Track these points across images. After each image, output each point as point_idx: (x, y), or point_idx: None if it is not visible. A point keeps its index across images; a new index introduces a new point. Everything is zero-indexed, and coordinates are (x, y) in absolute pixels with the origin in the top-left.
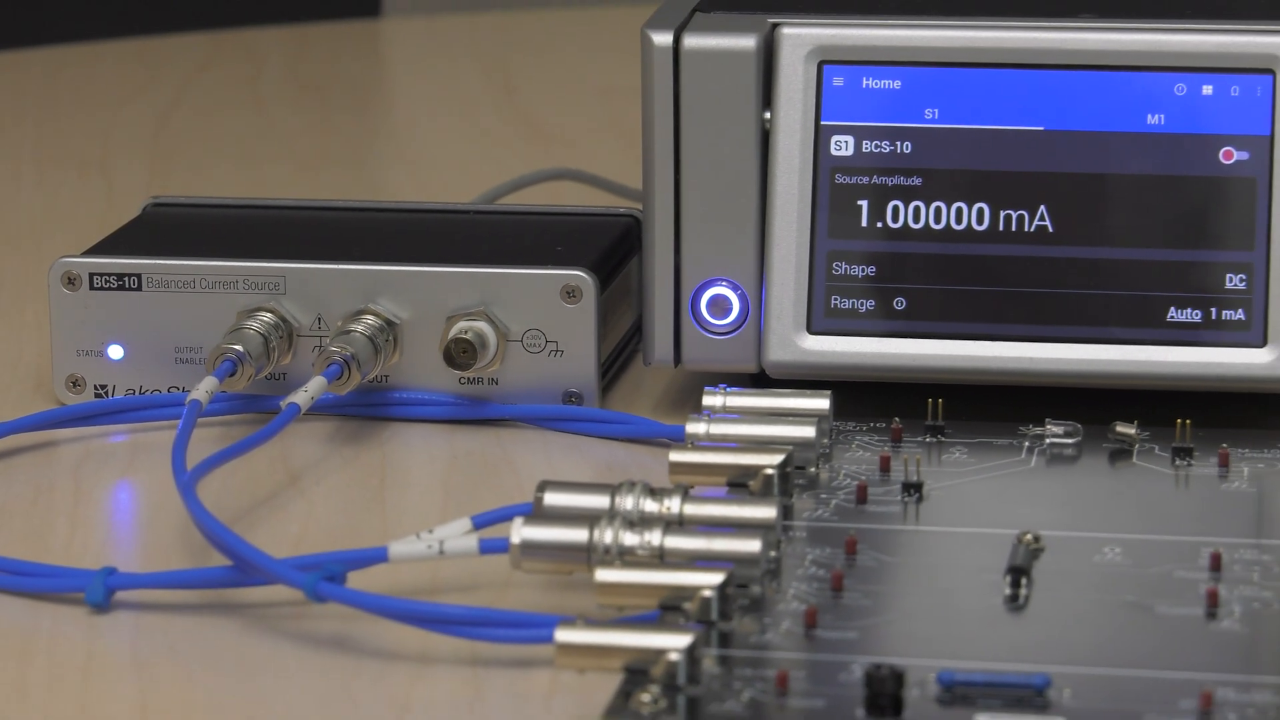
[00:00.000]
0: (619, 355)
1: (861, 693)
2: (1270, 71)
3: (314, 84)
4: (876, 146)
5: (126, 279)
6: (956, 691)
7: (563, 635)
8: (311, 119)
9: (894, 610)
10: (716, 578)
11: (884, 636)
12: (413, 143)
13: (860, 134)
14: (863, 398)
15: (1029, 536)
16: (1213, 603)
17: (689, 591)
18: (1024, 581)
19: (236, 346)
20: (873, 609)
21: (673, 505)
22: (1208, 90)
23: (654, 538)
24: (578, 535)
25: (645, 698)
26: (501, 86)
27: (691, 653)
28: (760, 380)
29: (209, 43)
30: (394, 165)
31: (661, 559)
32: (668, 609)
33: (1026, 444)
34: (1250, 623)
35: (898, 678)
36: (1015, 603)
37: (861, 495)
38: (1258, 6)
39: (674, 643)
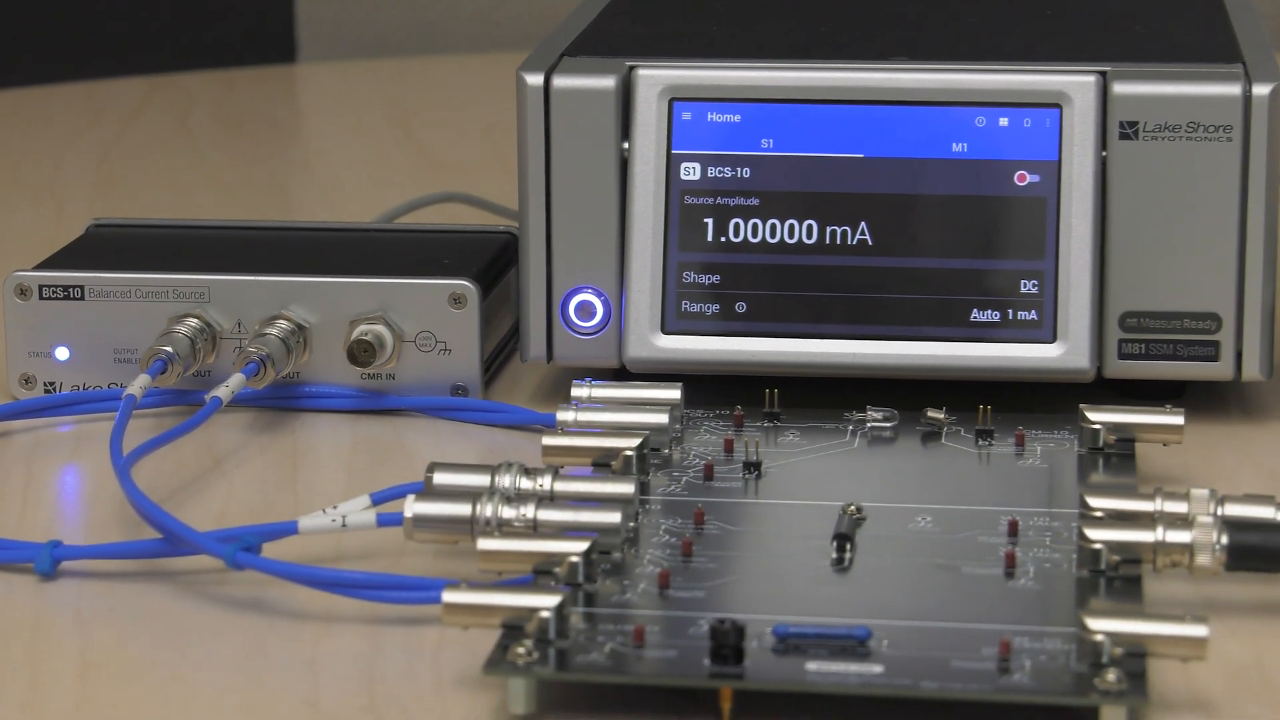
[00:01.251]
0: (499, 353)
1: (708, 644)
2: (1058, 106)
3: (237, 121)
4: (720, 172)
5: (71, 289)
6: (790, 643)
7: (449, 596)
8: (235, 151)
9: (736, 572)
10: (582, 545)
11: (728, 595)
12: (323, 171)
13: (706, 161)
14: (709, 389)
15: (852, 508)
16: (1010, 564)
17: (559, 558)
18: (848, 547)
19: (167, 348)
20: (718, 571)
21: (545, 483)
22: (1004, 122)
23: (528, 511)
24: (462, 510)
25: (520, 650)
26: (401, 122)
27: (560, 611)
28: (621, 374)
29: (146, 86)
30: (306, 190)
31: (535, 529)
32: (540, 573)
33: (850, 428)
34: (1043, 580)
35: (739, 631)
36: (841, 565)
37: (708, 473)
38: (1046, 50)
39: (545, 602)
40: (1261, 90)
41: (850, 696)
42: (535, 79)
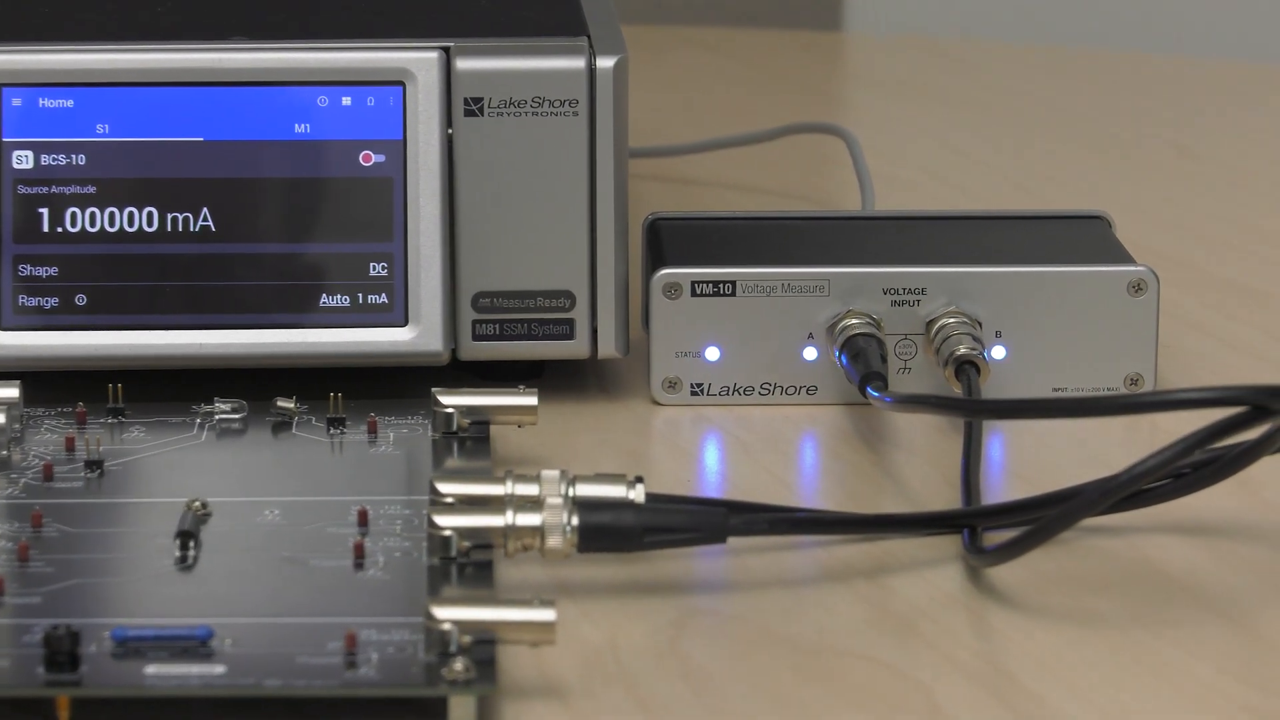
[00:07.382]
0: None
1: (42, 652)
2: (400, 84)
3: None
4: (54, 159)
5: None
6: (129, 646)
7: None
8: None
9: (75, 575)
10: None
11: (66, 600)
12: None
13: (39, 149)
14: (52, 385)
15: (197, 504)
16: (360, 554)
17: None
18: (192, 544)
19: None
20: (55, 576)
21: None
22: (347, 101)
23: None
24: None
25: None
26: None
27: None
28: None
29: None
30: None
31: None
32: None
33: (198, 421)
34: (392, 570)
35: (74, 636)
36: (185, 563)
37: (48, 474)
38: (388, 27)
39: None
40: (606, 63)
41: (193, 698)
42: None
